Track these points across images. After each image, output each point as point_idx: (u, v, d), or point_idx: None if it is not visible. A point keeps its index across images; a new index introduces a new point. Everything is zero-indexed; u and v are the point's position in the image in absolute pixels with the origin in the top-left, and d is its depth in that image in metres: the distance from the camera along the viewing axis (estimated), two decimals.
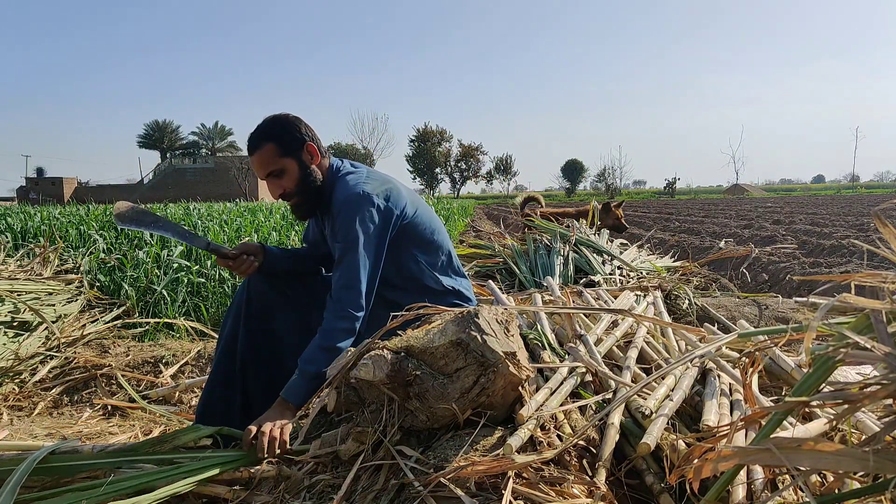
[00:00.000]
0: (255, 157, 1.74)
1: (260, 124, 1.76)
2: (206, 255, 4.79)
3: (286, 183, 1.75)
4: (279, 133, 1.74)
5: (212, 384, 1.81)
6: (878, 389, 0.77)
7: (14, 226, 6.48)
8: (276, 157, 1.73)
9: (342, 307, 1.64)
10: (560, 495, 1.05)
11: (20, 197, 44.22)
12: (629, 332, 1.88)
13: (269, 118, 1.77)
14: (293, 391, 1.58)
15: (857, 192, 44.81)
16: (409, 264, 1.84)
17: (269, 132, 1.74)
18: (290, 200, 1.79)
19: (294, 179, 1.75)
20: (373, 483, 1.17)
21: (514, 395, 1.32)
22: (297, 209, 1.82)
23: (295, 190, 1.76)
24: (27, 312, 3.14)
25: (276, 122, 1.76)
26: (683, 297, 2.95)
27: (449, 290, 1.90)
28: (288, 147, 1.74)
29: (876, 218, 1.01)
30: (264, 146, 1.73)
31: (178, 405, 2.46)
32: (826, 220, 11.05)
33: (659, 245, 8.40)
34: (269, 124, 1.76)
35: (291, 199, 1.78)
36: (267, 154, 1.73)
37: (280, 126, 1.75)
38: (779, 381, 1.59)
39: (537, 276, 3.82)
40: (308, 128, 1.80)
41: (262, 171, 1.75)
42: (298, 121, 1.79)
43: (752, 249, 4.34)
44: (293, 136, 1.75)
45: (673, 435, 1.24)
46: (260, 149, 1.73)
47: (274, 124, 1.76)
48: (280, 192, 1.76)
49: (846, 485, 1.00)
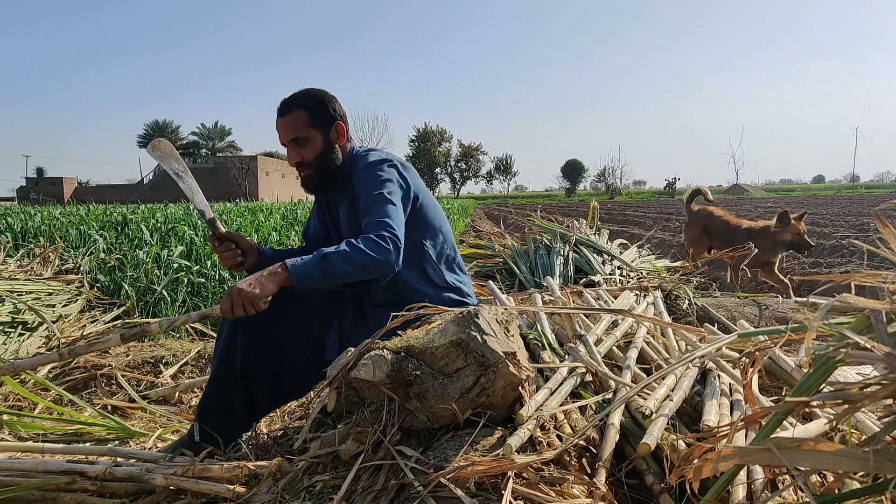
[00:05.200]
0: (283, 121, 1.76)
1: (296, 92, 1.79)
2: (206, 255, 4.80)
3: (307, 153, 1.77)
4: (314, 103, 1.78)
5: (212, 385, 1.80)
6: (878, 389, 0.77)
7: (14, 226, 6.48)
8: (304, 125, 1.75)
9: (378, 232, 1.56)
10: (560, 495, 1.05)
11: (20, 197, 44.23)
12: (629, 332, 1.88)
13: (307, 88, 1.80)
14: (296, 261, 1.51)
15: (857, 192, 44.79)
16: (416, 252, 1.84)
17: (303, 100, 1.77)
18: (303, 171, 1.80)
19: (316, 152, 1.77)
20: (373, 483, 1.17)
21: (514, 396, 1.32)
22: (308, 181, 1.83)
23: (313, 161, 1.78)
24: (27, 313, 3.14)
25: (312, 92, 1.79)
26: (683, 297, 2.95)
27: (451, 286, 1.91)
28: (319, 119, 1.77)
29: (876, 218, 1.01)
30: (296, 111, 1.75)
31: (178, 405, 2.46)
32: (826, 220, 11.04)
33: (659, 245, 8.40)
34: (306, 93, 1.79)
35: (305, 171, 1.79)
36: (296, 119, 1.75)
37: (316, 97, 1.79)
38: (779, 381, 1.59)
39: (537, 276, 3.82)
40: (342, 108, 1.84)
41: (288, 135, 1.76)
42: (334, 99, 1.83)
43: (753, 249, 4.33)
44: (326, 111, 1.79)
45: (673, 435, 1.24)
46: (290, 113, 1.75)
47: (310, 94, 1.79)
48: (297, 160, 1.77)
49: (846, 485, 1.00)
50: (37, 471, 1.40)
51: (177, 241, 5.30)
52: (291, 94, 1.79)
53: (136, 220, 7.31)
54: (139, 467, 1.41)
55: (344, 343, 1.80)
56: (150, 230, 6.23)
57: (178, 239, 5.42)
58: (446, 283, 1.90)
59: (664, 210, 19.90)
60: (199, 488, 1.33)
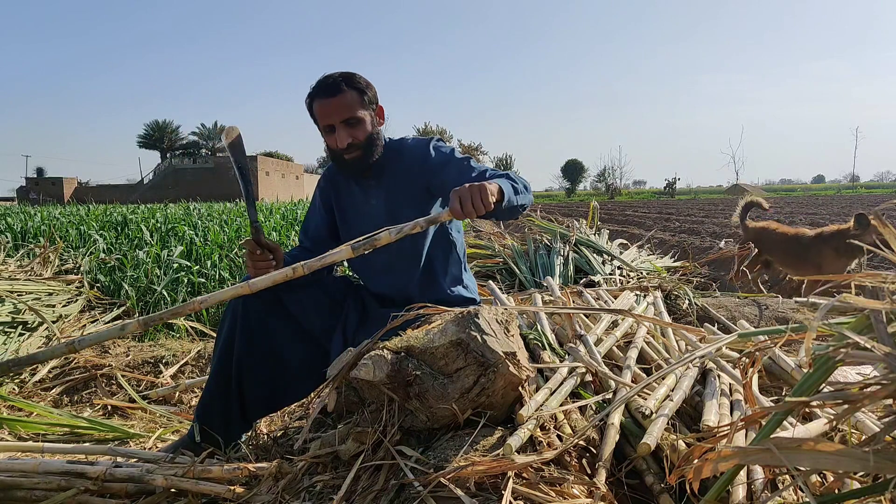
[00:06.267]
0: (335, 100, 1.73)
1: (342, 72, 1.77)
2: (206, 255, 4.80)
3: (359, 134, 1.76)
4: (364, 86, 1.78)
5: (210, 387, 1.80)
6: (878, 389, 0.77)
7: (14, 226, 6.48)
8: (357, 107, 1.75)
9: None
10: (560, 495, 1.05)
11: (20, 197, 44.23)
12: (629, 332, 1.88)
13: (347, 71, 1.79)
14: (494, 176, 1.62)
15: (857, 192, 44.78)
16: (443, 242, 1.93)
17: (353, 82, 1.76)
18: (351, 153, 1.78)
19: (366, 133, 1.77)
20: (373, 483, 1.17)
21: (514, 396, 1.32)
22: (353, 163, 1.81)
23: (363, 143, 1.77)
24: (27, 313, 3.14)
25: (358, 76, 1.79)
26: (683, 297, 2.95)
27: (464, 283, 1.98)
28: (369, 101, 1.79)
29: (876, 218, 1.01)
30: (348, 91, 1.74)
31: (178, 405, 2.46)
32: (826, 221, 11.04)
33: (659, 245, 8.40)
34: (353, 75, 1.78)
35: (354, 152, 1.78)
36: (351, 100, 1.74)
37: (363, 80, 1.79)
38: (779, 381, 1.59)
39: (537, 276, 3.82)
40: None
41: (340, 115, 1.74)
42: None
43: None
44: (373, 94, 1.80)
45: (673, 435, 1.24)
46: (344, 93, 1.73)
47: (357, 77, 1.79)
48: (349, 142, 1.75)
49: (846, 485, 1.00)
50: (37, 471, 1.40)
51: (177, 241, 5.30)
52: (335, 75, 1.76)
53: (136, 220, 7.31)
54: (139, 468, 1.41)
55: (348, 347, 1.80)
56: (150, 230, 6.24)
57: (178, 239, 5.43)
58: (461, 279, 1.96)
59: (664, 210, 19.91)
60: (200, 489, 1.33)
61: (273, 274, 1.53)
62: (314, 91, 1.77)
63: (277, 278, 1.52)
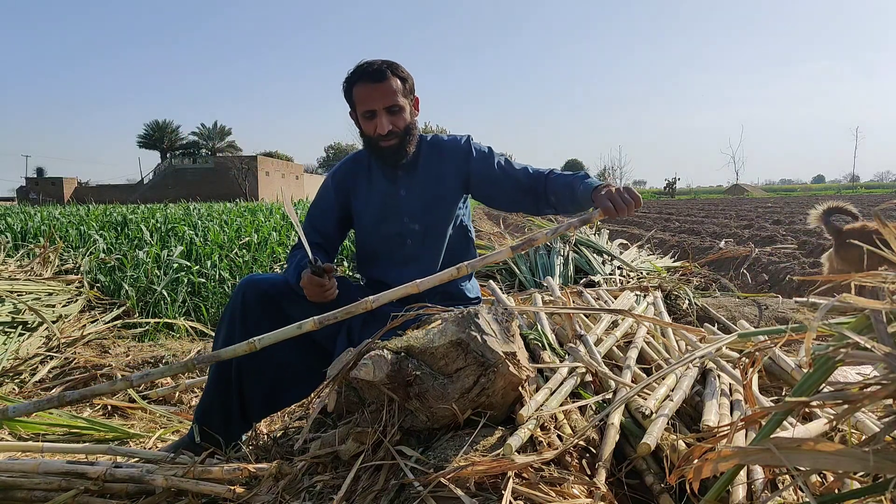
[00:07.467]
0: (381, 86, 1.74)
1: (385, 60, 1.78)
2: (206, 255, 4.80)
3: (400, 122, 1.78)
4: (406, 76, 1.81)
5: (210, 387, 1.80)
6: (878, 389, 0.77)
7: (14, 226, 6.49)
8: (400, 94, 1.77)
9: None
10: (560, 495, 1.05)
11: (20, 197, 44.23)
12: (629, 332, 1.88)
13: (392, 61, 1.80)
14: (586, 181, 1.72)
15: (857, 192, 44.77)
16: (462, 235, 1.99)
17: (397, 70, 1.78)
18: (389, 140, 1.78)
19: (405, 122, 1.79)
20: (373, 483, 1.17)
21: (514, 396, 1.32)
22: (389, 151, 1.81)
23: (401, 131, 1.79)
24: (27, 313, 3.14)
25: (401, 65, 1.81)
26: (683, 298, 2.95)
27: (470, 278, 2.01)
28: (410, 91, 1.82)
29: (876, 218, 1.01)
30: (392, 79, 1.76)
31: (178, 405, 2.46)
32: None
33: (659, 245, 8.40)
34: (397, 64, 1.80)
35: (392, 140, 1.78)
36: (396, 86, 1.76)
37: (404, 69, 1.81)
38: (779, 381, 1.59)
39: (537, 276, 3.82)
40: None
41: (385, 101, 1.74)
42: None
43: (752, 249, 4.31)
44: (412, 85, 1.84)
45: (673, 435, 1.24)
46: (387, 80, 1.74)
47: (400, 66, 1.81)
48: (390, 128, 1.76)
49: (846, 485, 1.00)
50: (37, 471, 1.40)
51: (177, 241, 5.31)
52: (378, 62, 1.76)
53: (136, 220, 7.32)
54: (140, 468, 1.41)
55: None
56: (150, 230, 6.24)
57: (178, 239, 5.43)
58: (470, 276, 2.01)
59: (664, 210, 19.90)
60: (200, 489, 1.33)
61: (435, 276, 1.53)
62: (355, 76, 1.77)
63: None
